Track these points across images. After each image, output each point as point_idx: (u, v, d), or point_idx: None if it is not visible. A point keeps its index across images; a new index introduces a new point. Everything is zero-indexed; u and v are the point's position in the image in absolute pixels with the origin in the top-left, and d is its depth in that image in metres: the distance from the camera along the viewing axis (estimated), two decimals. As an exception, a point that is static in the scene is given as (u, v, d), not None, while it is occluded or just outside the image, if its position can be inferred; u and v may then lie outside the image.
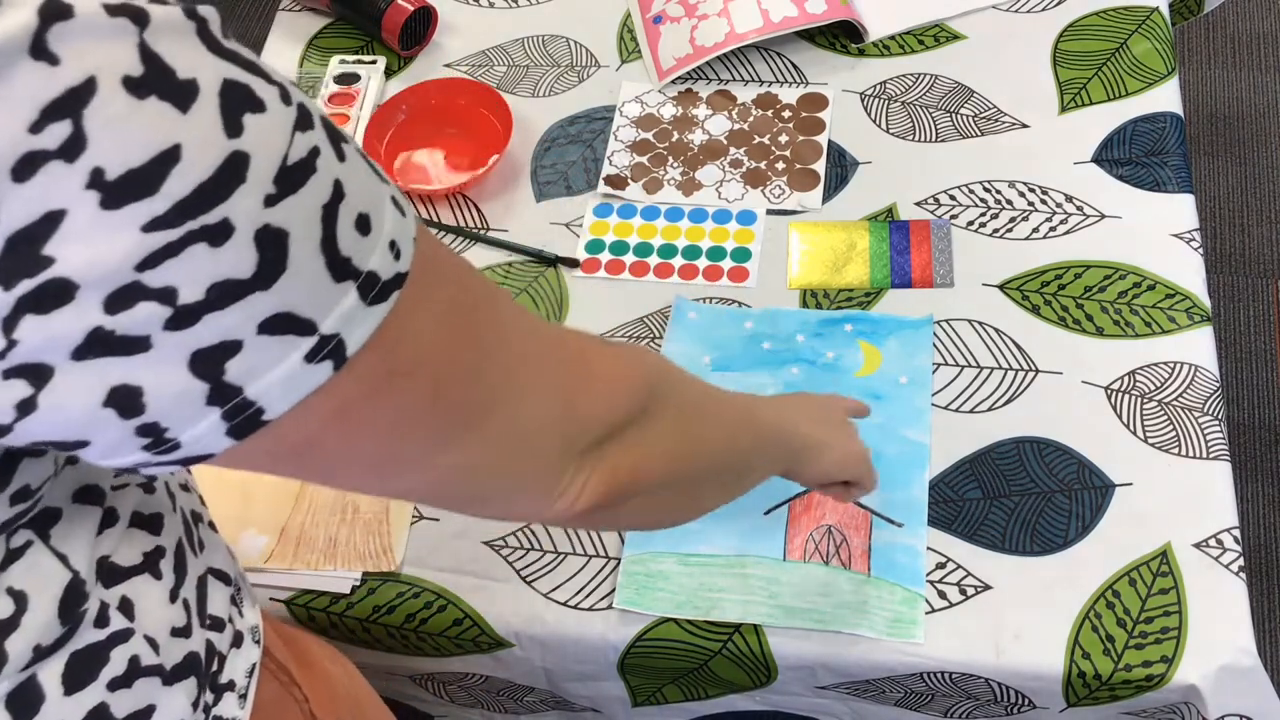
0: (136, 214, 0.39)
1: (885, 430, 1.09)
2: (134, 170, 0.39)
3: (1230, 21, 2.37)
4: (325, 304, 0.45)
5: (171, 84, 0.39)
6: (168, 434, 0.45)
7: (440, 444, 0.53)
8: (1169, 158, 1.25)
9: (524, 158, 1.33)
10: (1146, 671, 0.96)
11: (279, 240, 0.42)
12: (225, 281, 0.42)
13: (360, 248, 0.45)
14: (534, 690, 1.09)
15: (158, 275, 0.40)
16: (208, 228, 0.41)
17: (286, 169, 0.42)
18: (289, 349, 0.44)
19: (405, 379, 0.49)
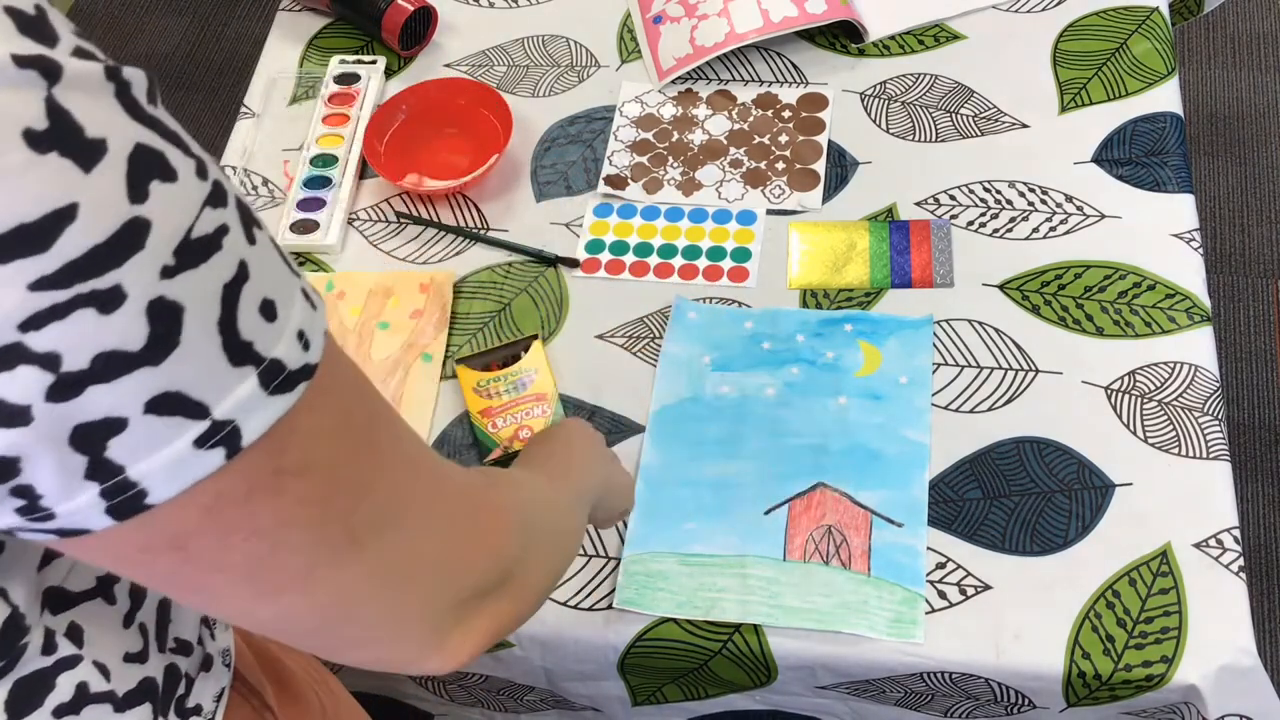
0: (24, 270, 0.37)
1: (885, 430, 1.09)
2: (25, 225, 0.37)
3: (1230, 21, 2.37)
4: (220, 388, 0.42)
5: (76, 141, 0.38)
6: (42, 502, 0.42)
7: (322, 558, 0.49)
8: (1169, 158, 1.25)
9: (524, 158, 1.33)
10: (1146, 671, 0.96)
11: (173, 314, 0.40)
12: (113, 353, 0.40)
13: (263, 333, 0.43)
14: (534, 690, 1.09)
15: (42, 338, 0.38)
16: (98, 293, 0.39)
17: (189, 242, 0.41)
18: (178, 431, 0.42)
19: (296, 479, 0.46)
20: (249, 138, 1.37)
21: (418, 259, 1.25)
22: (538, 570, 0.63)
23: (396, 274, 1.24)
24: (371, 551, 0.50)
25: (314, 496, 0.48)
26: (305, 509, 0.47)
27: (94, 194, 0.38)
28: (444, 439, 1.13)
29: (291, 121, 1.37)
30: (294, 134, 1.36)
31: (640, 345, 1.17)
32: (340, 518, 0.49)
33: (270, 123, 1.38)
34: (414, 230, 1.28)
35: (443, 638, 0.56)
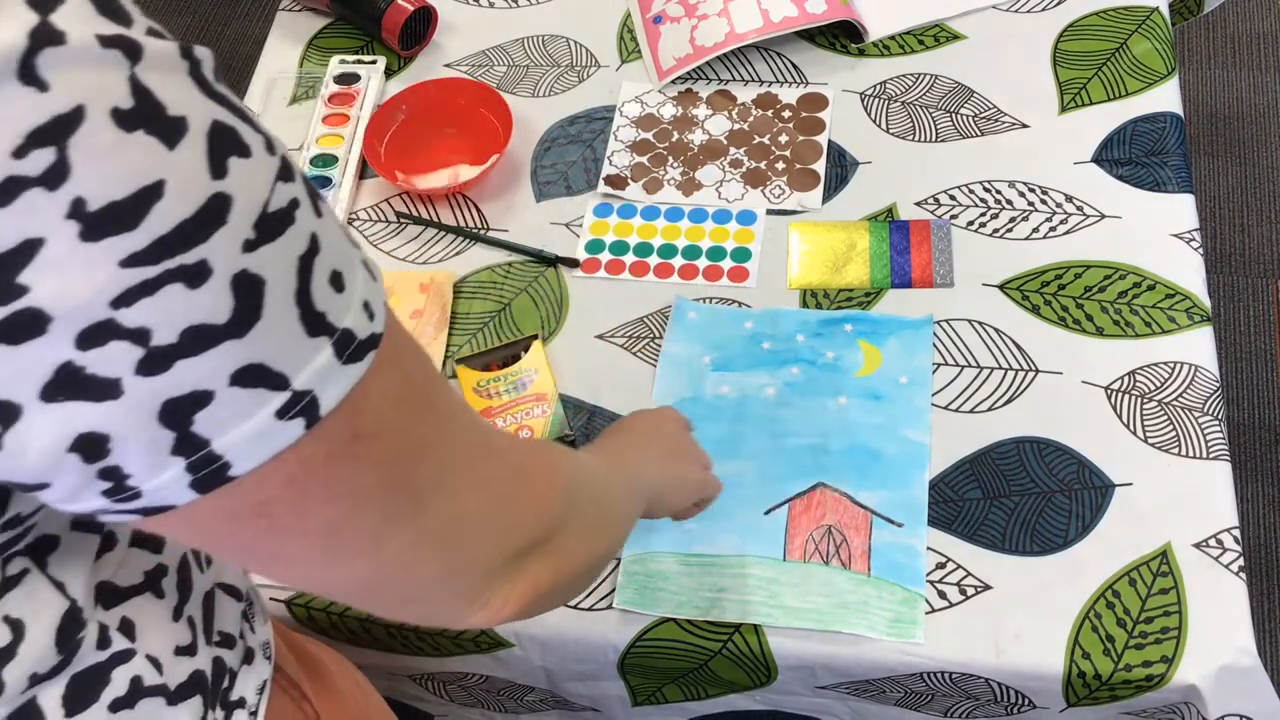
0: (115, 248, 0.38)
1: (885, 430, 1.09)
2: (116, 203, 0.38)
3: (1230, 21, 2.37)
4: (299, 358, 0.43)
5: (160, 120, 0.39)
6: (129, 481, 0.43)
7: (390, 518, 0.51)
8: (1169, 158, 1.25)
9: (524, 158, 1.33)
10: (1146, 671, 0.96)
11: (255, 287, 0.41)
12: (200, 326, 0.41)
13: (334, 304, 0.44)
14: (534, 690, 1.09)
15: (132, 314, 0.39)
16: (185, 268, 0.40)
17: (266, 216, 0.42)
18: (261, 403, 0.43)
19: (370, 443, 0.48)
20: (249, 138, 1.37)
21: (418, 259, 1.25)
22: (579, 537, 0.64)
23: (396, 274, 1.24)
24: (432, 510, 0.52)
25: (385, 459, 0.49)
26: (378, 471, 0.49)
27: (179, 171, 0.39)
28: (444, 439, 1.13)
29: (291, 121, 1.37)
30: (294, 134, 1.36)
31: (640, 345, 1.17)
32: (407, 478, 0.50)
33: (270, 123, 1.37)
34: (414, 230, 1.28)
35: (488, 594, 0.58)
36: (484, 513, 0.56)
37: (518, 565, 0.59)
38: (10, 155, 0.36)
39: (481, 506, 0.56)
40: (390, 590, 0.56)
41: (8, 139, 0.36)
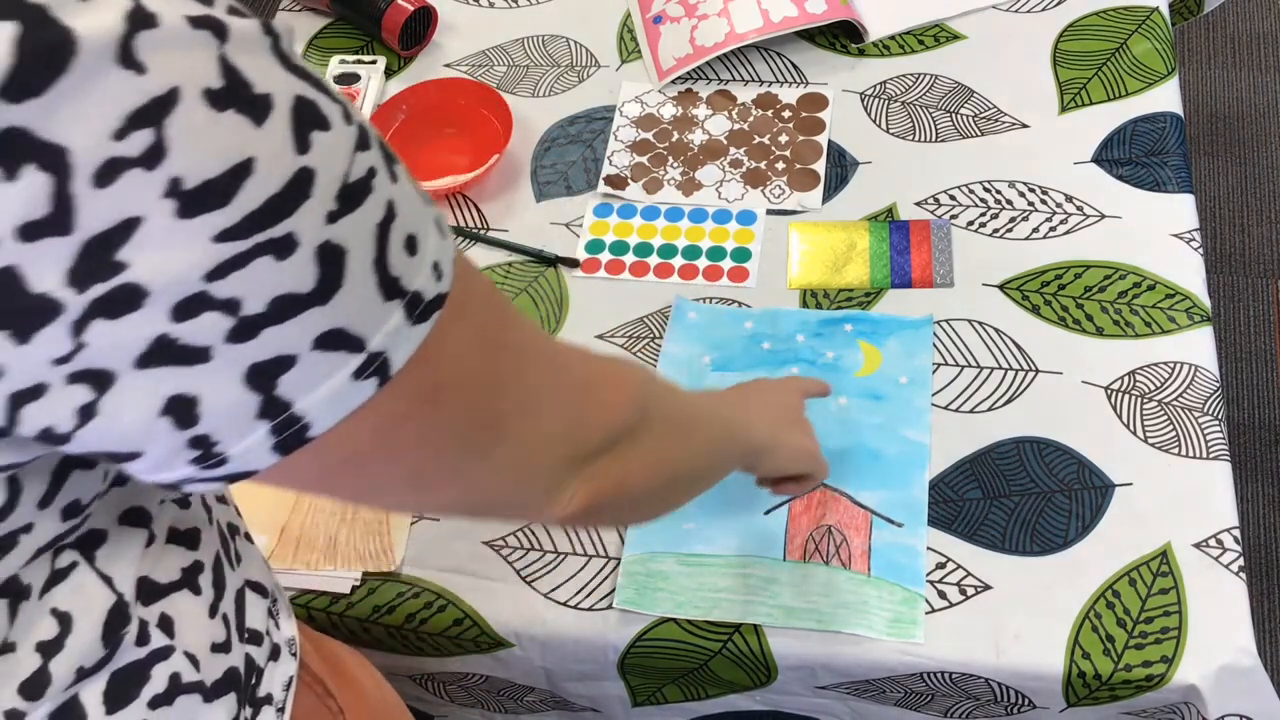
0: (209, 224, 0.40)
1: (885, 430, 1.09)
2: (210, 181, 0.39)
3: (1230, 21, 2.37)
4: (375, 322, 0.45)
5: (248, 98, 0.40)
6: (217, 447, 0.45)
7: (470, 456, 0.55)
8: (1169, 158, 1.25)
9: (524, 158, 1.33)
10: (1146, 671, 0.96)
11: (338, 257, 0.43)
12: (287, 295, 0.42)
13: (408, 268, 0.46)
14: (534, 690, 1.09)
15: (225, 286, 0.41)
16: (274, 241, 0.41)
17: (347, 187, 0.43)
18: (339, 365, 0.45)
19: (443, 394, 0.51)
20: (249, 138, 1.37)
21: (418, 259, 1.25)
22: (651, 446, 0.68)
23: (396, 274, 1.23)
24: (510, 437, 0.56)
25: (464, 402, 0.52)
26: (459, 414, 0.52)
27: (267, 147, 0.40)
28: (444, 439, 1.13)
29: (291, 121, 1.37)
30: (294, 134, 1.36)
31: (640, 345, 1.17)
32: (486, 416, 0.54)
33: (270, 123, 1.38)
34: (414, 230, 1.28)
35: (558, 493, 0.62)
36: (554, 429, 0.60)
37: (587, 466, 0.63)
38: (111, 137, 0.37)
39: (552, 424, 0.60)
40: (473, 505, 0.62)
41: (109, 121, 0.37)
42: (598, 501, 0.64)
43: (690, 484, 0.80)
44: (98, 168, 0.37)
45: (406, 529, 1.07)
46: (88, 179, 0.37)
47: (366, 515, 1.08)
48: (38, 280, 0.38)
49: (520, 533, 1.07)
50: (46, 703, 0.55)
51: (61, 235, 0.38)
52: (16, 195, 0.37)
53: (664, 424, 0.71)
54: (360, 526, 1.07)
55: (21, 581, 0.52)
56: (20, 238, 0.37)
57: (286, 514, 1.09)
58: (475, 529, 1.07)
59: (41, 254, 0.38)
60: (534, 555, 1.05)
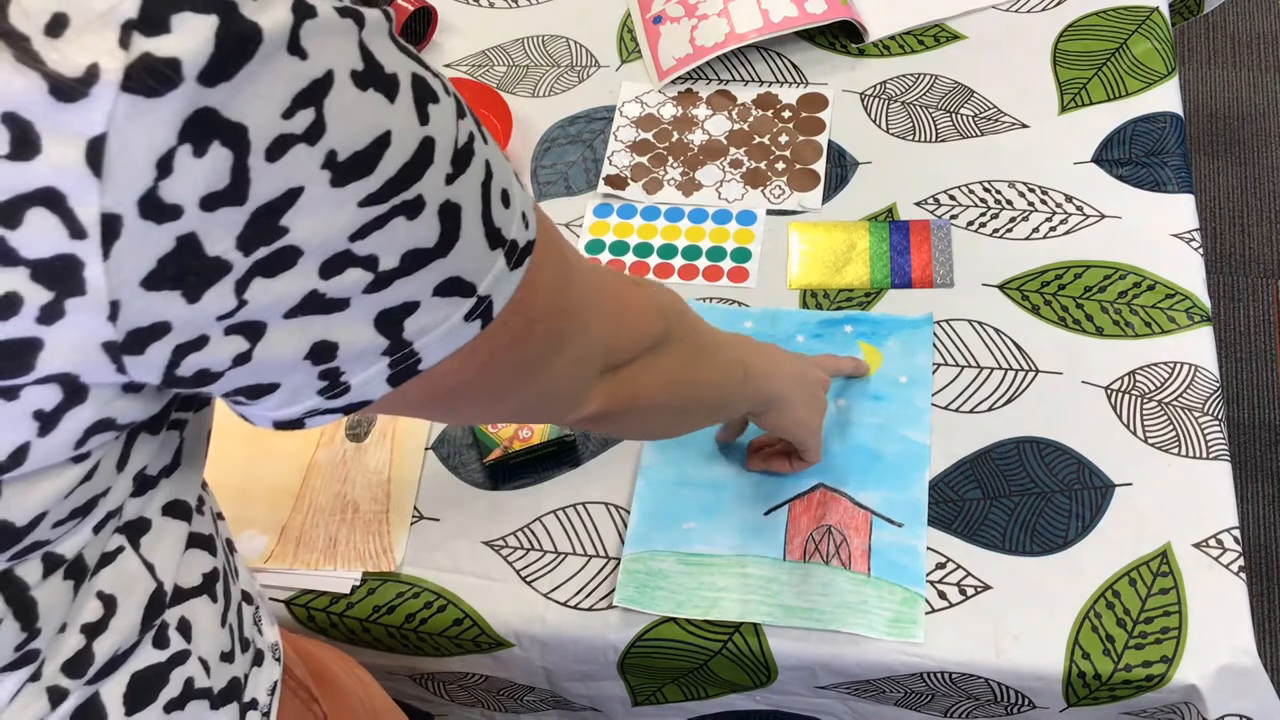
0: (357, 191, 0.44)
1: (885, 430, 1.09)
2: (358, 153, 0.44)
3: (1230, 21, 2.37)
4: (483, 269, 0.51)
5: (382, 78, 0.45)
6: (343, 378, 0.50)
7: (540, 371, 0.62)
8: (1169, 158, 1.25)
9: (524, 158, 1.33)
10: (1146, 671, 0.96)
11: (456, 214, 0.49)
12: (416, 250, 0.47)
13: (505, 218, 0.52)
14: (534, 690, 1.09)
15: (366, 244, 0.46)
16: (408, 203, 0.46)
17: (458, 151, 0.48)
18: (454, 309, 0.51)
19: (539, 323, 0.58)
20: (249, 138, 1.37)
21: (418, 259, 1.25)
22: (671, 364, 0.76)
23: (396, 274, 1.24)
24: (566, 353, 0.63)
25: (543, 332, 0.59)
26: (537, 342, 0.59)
27: (399, 120, 0.45)
28: (444, 439, 1.13)
29: (291, 121, 1.38)
30: (294, 134, 1.36)
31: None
32: (556, 337, 0.61)
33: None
34: (414, 230, 1.28)
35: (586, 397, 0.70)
36: (598, 343, 0.67)
37: (613, 375, 0.70)
38: (282, 116, 0.41)
39: (597, 339, 0.67)
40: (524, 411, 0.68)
41: (279, 102, 0.41)
42: (611, 408, 0.71)
43: (697, 409, 0.87)
44: (270, 143, 0.41)
45: (407, 529, 1.07)
46: (261, 154, 0.41)
47: (366, 515, 1.08)
48: (213, 245, 0.42)
49: (520, 533, 1.07)
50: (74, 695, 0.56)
51: (237, 205, 0.42)
52: (203, 169, 0.40)
53: (683, 346, 0.78)
54: (360, 526, 1.08)
55: (85, 561, 0.53)
56: (203, 207, 0.41)
57: (286, 514, 1.09)
58: (475, 529, 1.07)
59: (219, 222, 0.42)
60: (534, 555, 1.05)
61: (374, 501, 1.09)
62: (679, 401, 0.81)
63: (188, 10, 0.39)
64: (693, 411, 0.88)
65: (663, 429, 0.89)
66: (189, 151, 0.40)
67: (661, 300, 0.77)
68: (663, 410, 0.80)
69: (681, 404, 0.83)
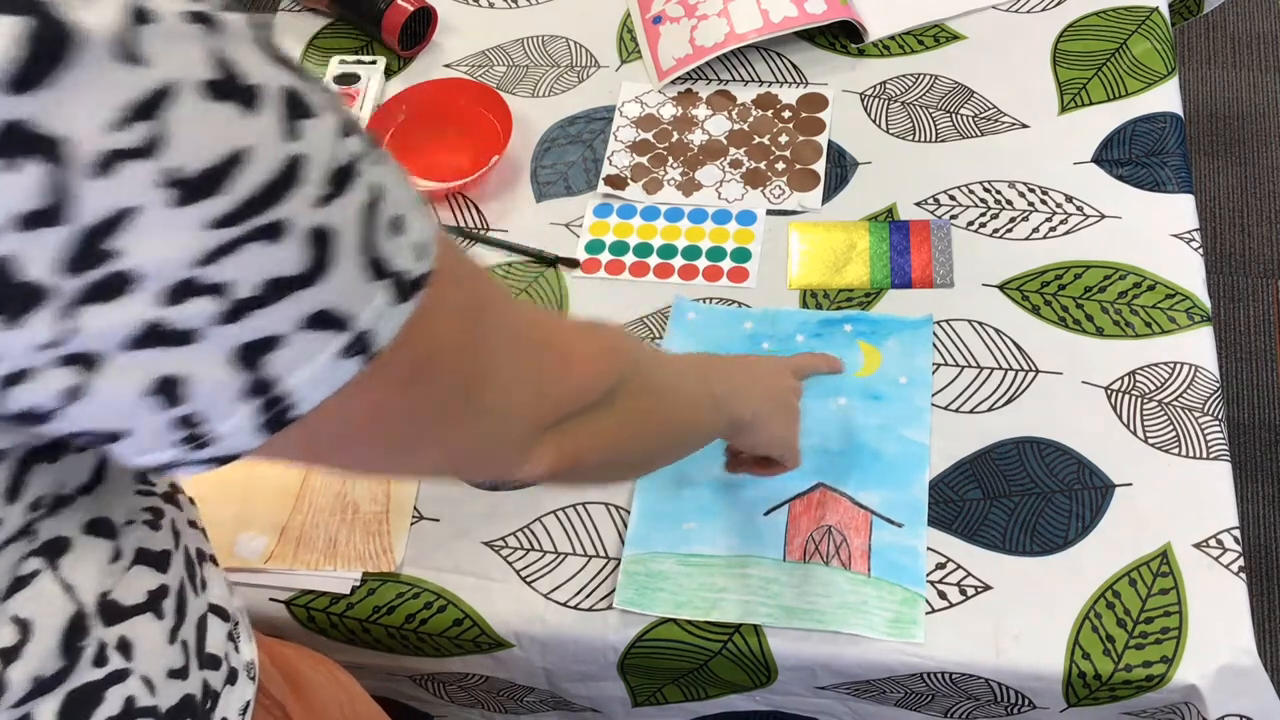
0: (203, 212, 0.41)
1: (885, 430, 1.09)
2: (205, 170, 0.40)
3: (1230, 21, 2.37)
4: (361, 301, 0.46)
5: (241, 89, 0.41)
6: (203, 426, 0.46)
7: (451, 424, 0.57)
8: (1169, 158, 1.25)
9: (524, 158, 1.33)
10: (1146, 672, 0.96)
11: (327, 239, 0.44)
12: (277, 278, 0.43)
13: (393, 248, 0.47)
14: (534, 690, 1.09)
15: (216, 271, 0.42)
16: (267, 226, 0.42)
17: (335, 171, 0.44)
18: (325, 344, 0.46)
19: (427, 368, 0.52)
20: (249, 138, 1.37)
21: (418, 259, 1.25)
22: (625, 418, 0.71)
23: (396, 274, 1.23)
24: (488, 405, 0.58)
25: (448, 373, 0.54)
26: (442, 385, 0.54)
27: (260, 137, 0.41)
28: (444, 439, 1.13)
29: (291, 122, 1.37)
30: (294, 134, 1.36)
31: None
32: (466, 384, 0.56)
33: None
34: (414, 230, 1.28)
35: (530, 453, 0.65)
36: (529, 395, 0.62)
37: (558, 431, 0.65)
38: (111, 129, 0.38)
39: (527, 391, 0.62)
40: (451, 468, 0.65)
41: (109, 113, 0.38)
42: (565, 464, 0.67)
43: (663, 452, 0.82)
44: (97, 159, 0.38)
45: (407, 529, 1.07)
46: (87, 170, 0.38)
47: (366, 516, 1.08)
48: (31, 268, 0.39)
49: (520, 533, 1.07)
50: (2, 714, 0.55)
51: (58, 225, 0.38)
52: (16, 186, 0.37)
53: (640, 395, 0.73)
54: (360, 526, 1.07)
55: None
56: (18, 228, 0.38)
57: (286, 514, 1.09)
58: (475, 529, 1.07)
59: (37, 243, 0.38)
60: (534, 555, 1.05)
61: (374, 502, 1.09)
62: (644, 450, 0.77)
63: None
64: (661, 456, 0.83)
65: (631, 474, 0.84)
66: None
67: (616, 351, 0.71)
68: (625, 462, 0.76)
69: (647, 452, 0.78)
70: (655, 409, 0.76)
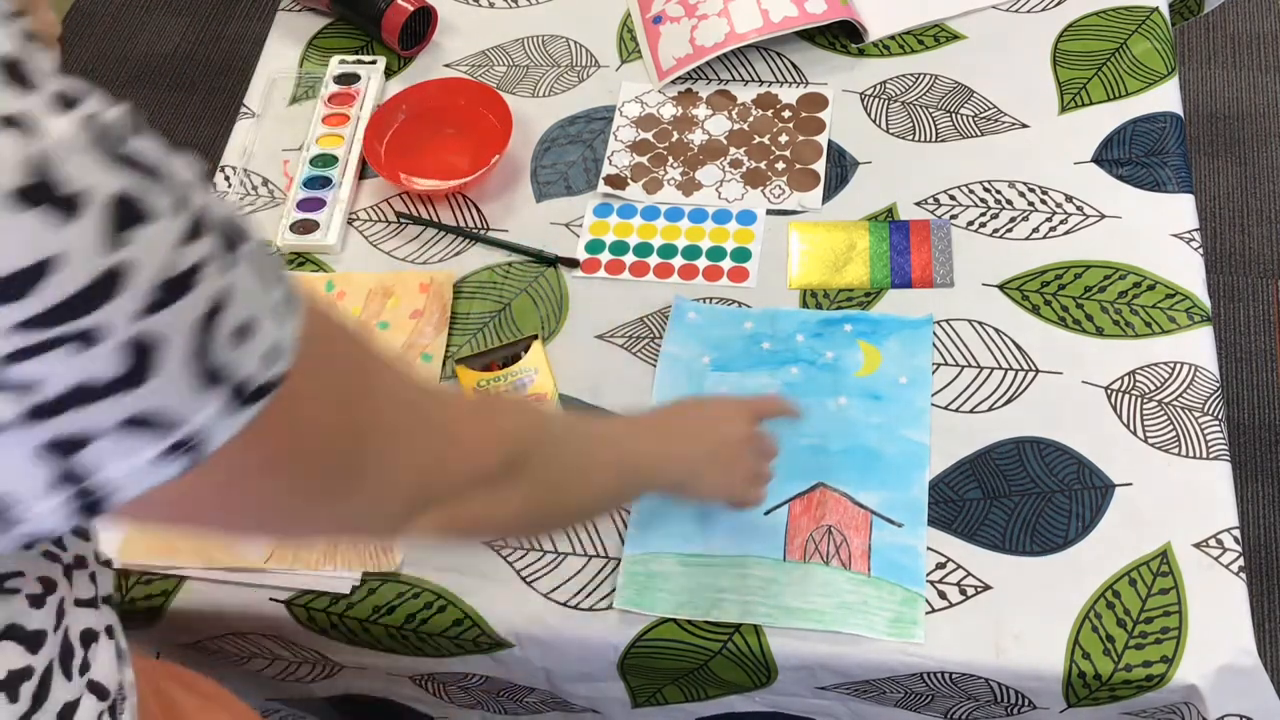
0: (6, 315, 0.40)
1: (885, 430, 1.09)
2: (11, 275, 0.39)
3: (1230, 21, 2.37)
4: (190, 409, 0.45)
5: (57, 197, 0.40)
6: (12, 511, 0.45)
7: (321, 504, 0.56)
8: (1169, 158, 1.25)
9: (524, 158, 1.33)
10: (1146, 672, 0.96)
11: (150, 349, 0.43)
12: (89, 383, 0.42)
13: (235, 357, 0.46)
14: (534, 691, 1.09)
15: (21, 370, 0.41)
16: (77, 333, 0.41)
17: (167, 281, 0.43)
18: (145, 445, 0.45)
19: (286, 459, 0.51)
20: (249, 138, 1.37)
21: (417, 259, 1.25)
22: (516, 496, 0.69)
23: (396, 274, 1.24)
24: (365, 486, 0.57)
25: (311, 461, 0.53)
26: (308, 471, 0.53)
27: (74, 244, 0.40)
28: (444, 439, 1.12)
29: (291, 122, 1.37)
30: (294, 134, 1.36)
31: (640, 345, 1.17)
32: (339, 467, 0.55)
33: (270, 123, 1.38)
34: (414, 230, 1.28)
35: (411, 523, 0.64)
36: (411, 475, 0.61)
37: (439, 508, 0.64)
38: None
39: (409, 471, 0.61)
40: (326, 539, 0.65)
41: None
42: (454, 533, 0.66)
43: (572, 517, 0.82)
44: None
45: (406, 529, 1.07)
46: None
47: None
48: None
49: (520, 533, 1.07)
50: None
51: None
52: None
53: (543, 472, 0.71)
54: (360, 527, 1.07)
55: None
56: None
57: (286, 514, 1.08)
58: (475, 529, 1.07)
59: None
60: (534, 555, 1.05)
61: (374, 502, 1.09)
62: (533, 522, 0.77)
63: None
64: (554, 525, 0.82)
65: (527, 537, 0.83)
66: None
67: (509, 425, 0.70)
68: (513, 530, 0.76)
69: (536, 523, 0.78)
70: (559, 483, 0.75)
